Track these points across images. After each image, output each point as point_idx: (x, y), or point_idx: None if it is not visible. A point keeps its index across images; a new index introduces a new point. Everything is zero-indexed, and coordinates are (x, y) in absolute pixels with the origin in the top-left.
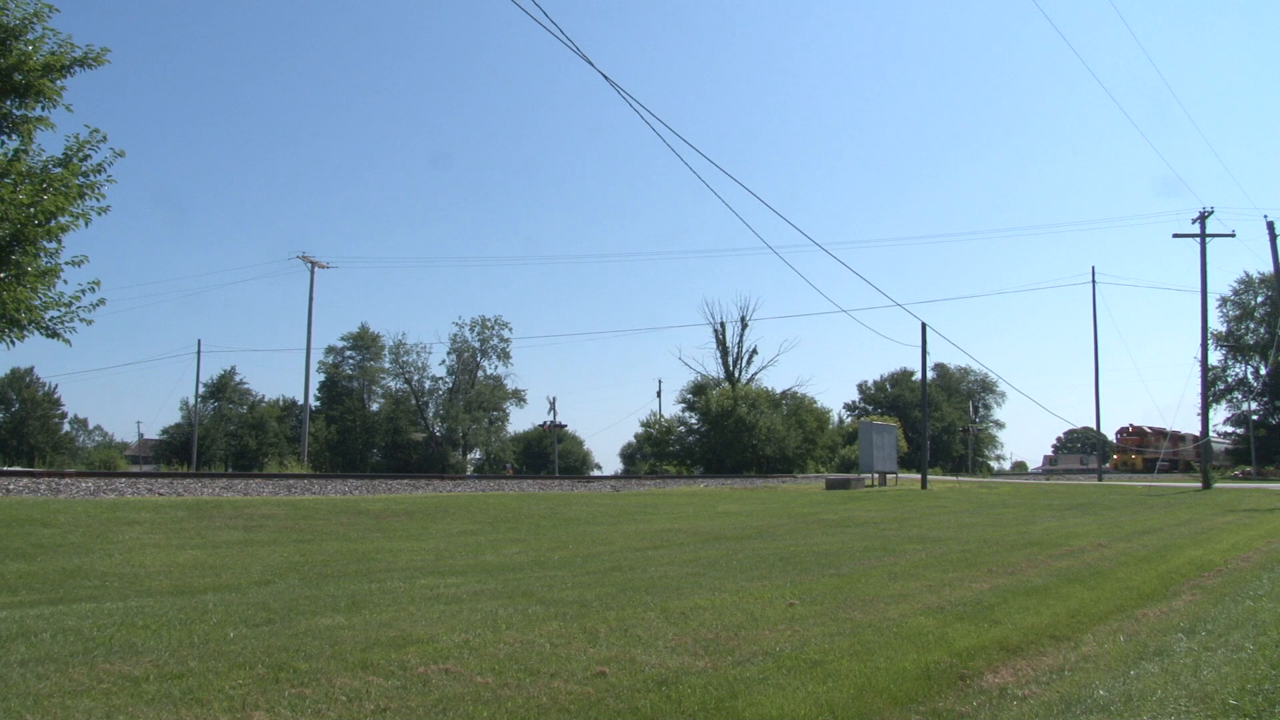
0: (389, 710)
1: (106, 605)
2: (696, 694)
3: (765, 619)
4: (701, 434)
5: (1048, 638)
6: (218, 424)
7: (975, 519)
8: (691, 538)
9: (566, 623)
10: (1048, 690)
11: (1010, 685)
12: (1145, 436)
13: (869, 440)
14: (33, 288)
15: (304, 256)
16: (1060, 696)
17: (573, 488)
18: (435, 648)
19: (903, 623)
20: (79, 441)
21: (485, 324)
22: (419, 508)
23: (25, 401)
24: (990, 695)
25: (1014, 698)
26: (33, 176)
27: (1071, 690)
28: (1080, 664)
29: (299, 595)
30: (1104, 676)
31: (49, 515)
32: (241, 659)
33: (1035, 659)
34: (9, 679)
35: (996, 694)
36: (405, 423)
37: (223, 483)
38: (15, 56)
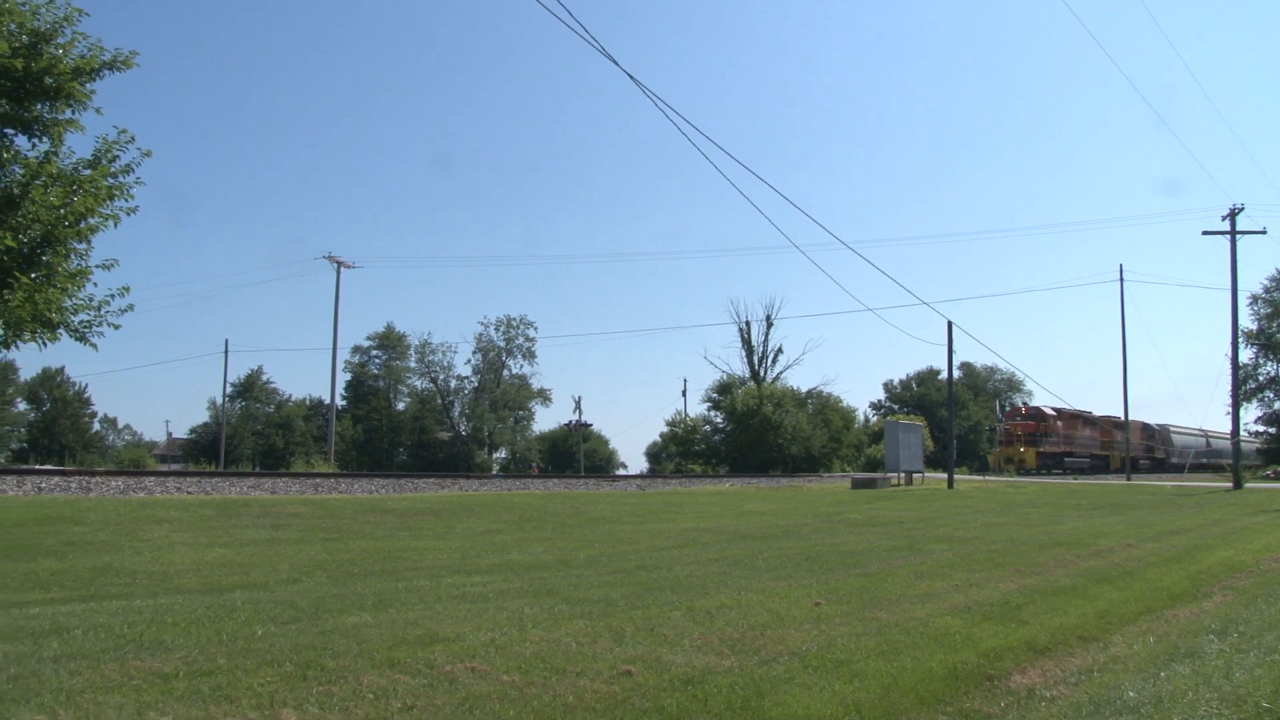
0: (416, 708)
1: (136, 603)
2: (723, 693)
3: (791, 618)
4: (727, 433)
5: (1076, 638)
6: (245, 423)
7: (1002, 519)
8: (717, 537)
9: (592, 622)
10: (1076, 691)
11: (1038, 686)
12: (1046, 421)
13: (895, 439)
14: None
15: (330, 257)
16: (1089, 698)
17: (598, 487)
18: (462, 646)
19: (929, 622)
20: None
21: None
22: (445, 507)
23: (56, 401)
24: (1018, 696)
25: (1042, 699)
26: (63, 178)
27: (1100, 691)
28: (1109, 665)
29: (326, 594)
30: (1133, 678)
31: (80, 513)
32: (269, 657)
33: (1063, 660)
34: (43, 674)
35: (1024, 695)
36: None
37: (250, 482)
38: (46, 60)
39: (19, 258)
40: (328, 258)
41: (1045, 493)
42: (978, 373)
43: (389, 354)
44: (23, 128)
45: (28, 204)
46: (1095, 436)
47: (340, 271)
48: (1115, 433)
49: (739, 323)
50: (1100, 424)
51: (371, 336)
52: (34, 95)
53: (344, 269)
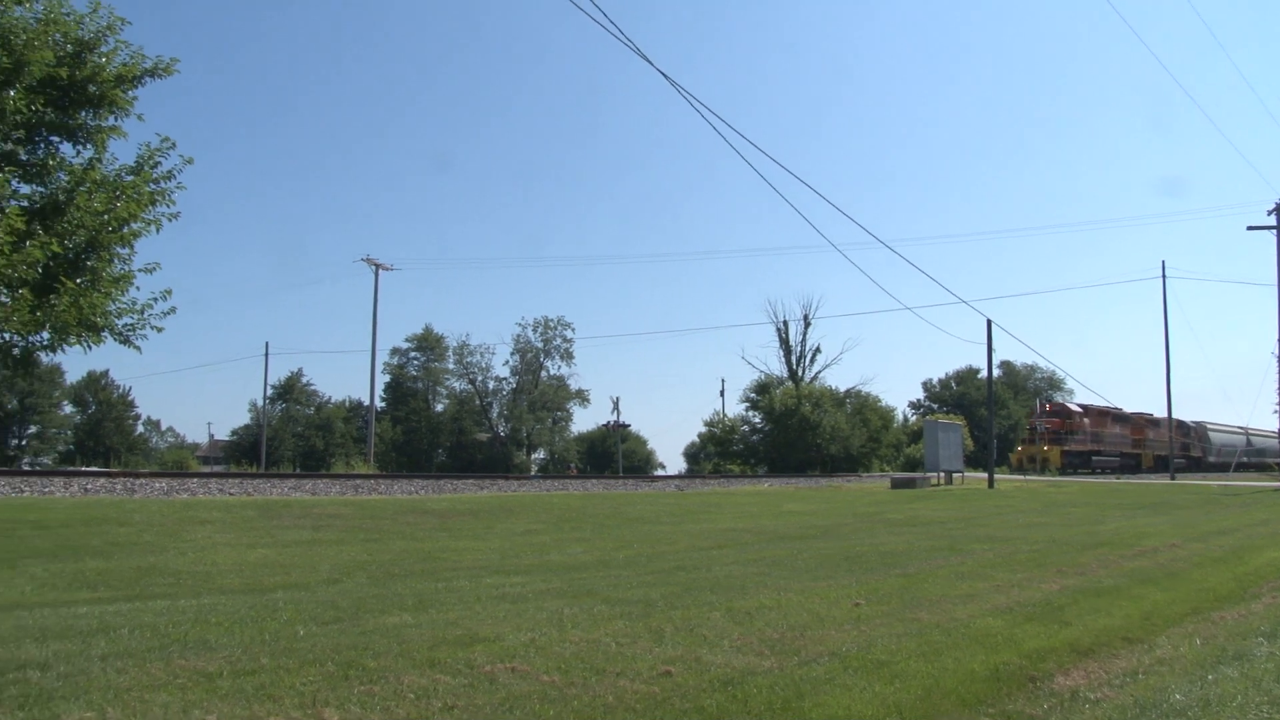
0: (456, 708)
1: (180, 602)
2: (763, 694)
3: (831, 619)
4: (765, 433)
5: (1120, 640)
6: (285, 425)
7: (1043, 518)
8: (756, 537)
9: (632, 622)
10: (1121, 694)
11: (1082, 688)
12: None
13: (934, 439)
14: (107, 293)
15: (368, 259)
16: (1134, 700)
17: (636, 487)
18: (502, 646)
19: (970, 623)
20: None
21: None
22: (484, 507)
23: (101, 403)
24: (1061, 698)
25: (1086, 701)
26: (106, 184)
27: (1146, 694)
28: (1155, 667)
29: (367, 594)
30: (1180, 680)
31: (124, 514)
32: (312, 656)
33: (1107, 661)
34: (91, 673)
35: (1068, 697)
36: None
37: (291, 483)
38: (90, 69)
39: (65, 263)
40: (366, 260)
41: (1087, 492)
42: (1018, 371)
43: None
44: (68, 135)
45: (73, 210)
46: (1126, 434)
47: (378, 274)
48: (1148, 430)
49: (776, 322)
50: (1132, 421)
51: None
52: (78, 103)
53: (382, 271)
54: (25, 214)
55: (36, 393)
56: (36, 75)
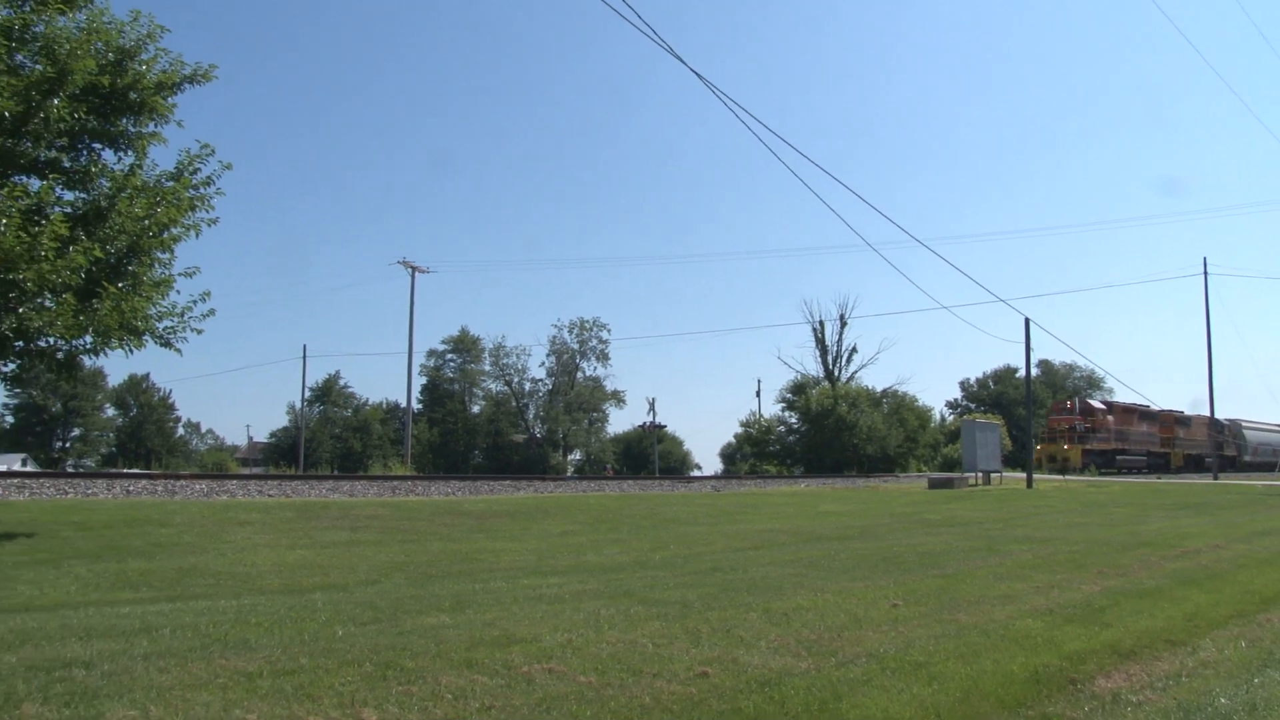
0: (494, 708)
1: (221, 603)
2: (800, 695)
3: (868, 620)
4: (801, 433)
5: (1163, 642)
6: (323, 427)
7: (1083, 519)
8: (792, 538)
9: (668, 623)
10: (1164, 697)
11: (1124, 690)
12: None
13: (972, 439)
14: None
15: (404, 262)
16: (1178, 704)
17: (673, 488)
18: (539, 647)
19: (1009, 625)
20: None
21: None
22: (520, 509)
23: (142, 406)
24: (1103, 701)
25: (1128, 704)
26: (147, 190)
27: (1190, 697)
28: (1198, 670)
29: (404, 595)
30: (1225, 684)
31: (166, 515)
32: (350, 656)
33: (1150, 664)
34: (134, 671)
35: (1109, 699)
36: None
37: (329, 484)
38: (131, 76)
39: (107, 268)
40: (402, 263)
41: (1128, 492)
42: (1056, 370)
43: (464, 357)
44: (109, 142)
45: (114, 216)
46: (1154, 432)
47: (415, 276)
48: (1177, 428)
49: (812, 322)
50: (1160, 418)
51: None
52: (119, 110)
53: (418, 273)
54: (69, 220)
55: (80, 396)
56: (79, 84)
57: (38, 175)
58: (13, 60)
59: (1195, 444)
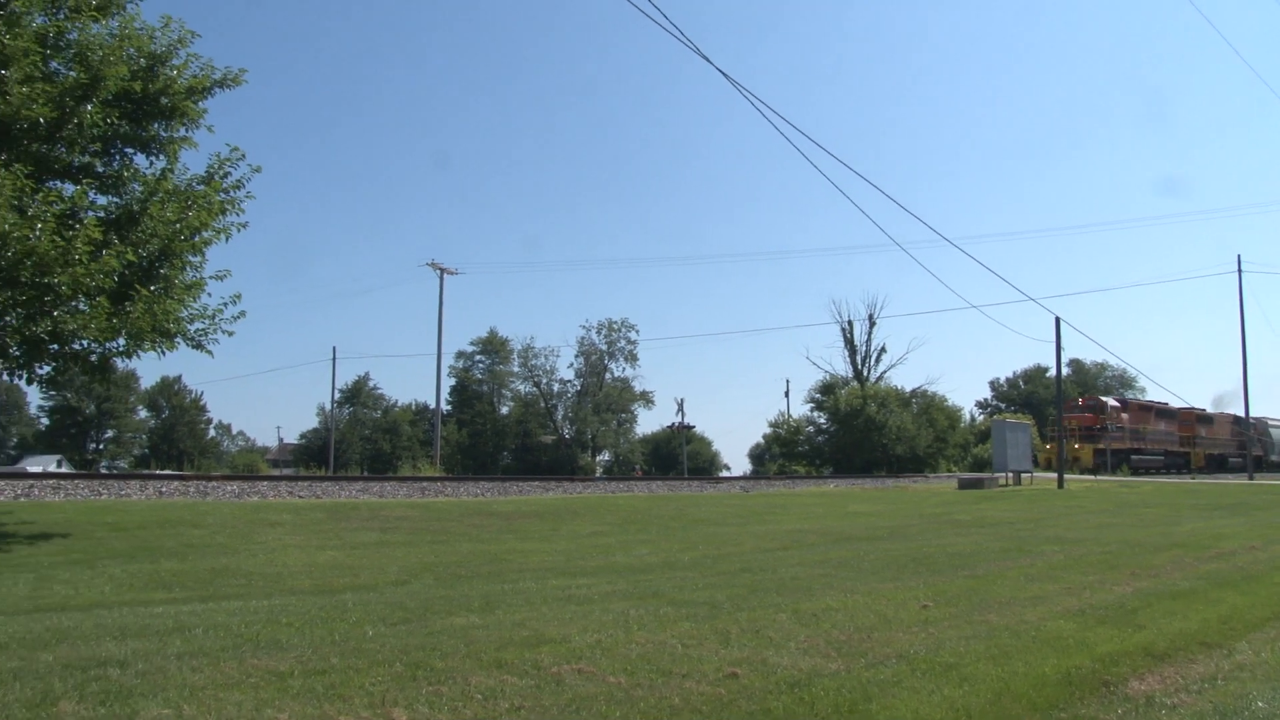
0: (523, 709)
1: (252, 603)
2: (829, 696)
3: (898, 621)
4: (830, 434)
5: (1197, 644)
6: (353, 428)
7: (1115, 519)
8: (821, 538)
9: (697, 624)
10: (1199, 700)
11: (1158, 693)
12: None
13: (1002, 439)
14: (180, 300)
15: (433, 263)
16: (1214, 707)
17: (701, 489)
18: (568, 648)
19: (1041, 626)
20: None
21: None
22: (549, 509)
23: (174, 408)
24: (1136, 703)
25: (1162, 707)
26: (178, 194)
27: (1226, 701)
28: (1234, 673)
29: (434, 595)
30: (1262, 687)
31: (198, 517)
32: (380, 657)
33: (1184, 666)
34: (167, 671)
35: (1143, 702)
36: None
37: (359, 485)
38: (162, 81)
39: (139, 271)
40: (431, 264)
41: (1160, 492)
42: (1087, 369)
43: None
44: (141, 146)
45: (147, 220)
46: (1173, 431)
47: (443, 278)
48: (1199, 427)
49: (841, 322)
50: (1180, 416)
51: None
52: (151, 115)
53: (447, 275)
54: (102, 224)
55: (113, 398)
56: (112, 89)
57: (72, 180)
58: (48, 67)
59: (1218, 443)
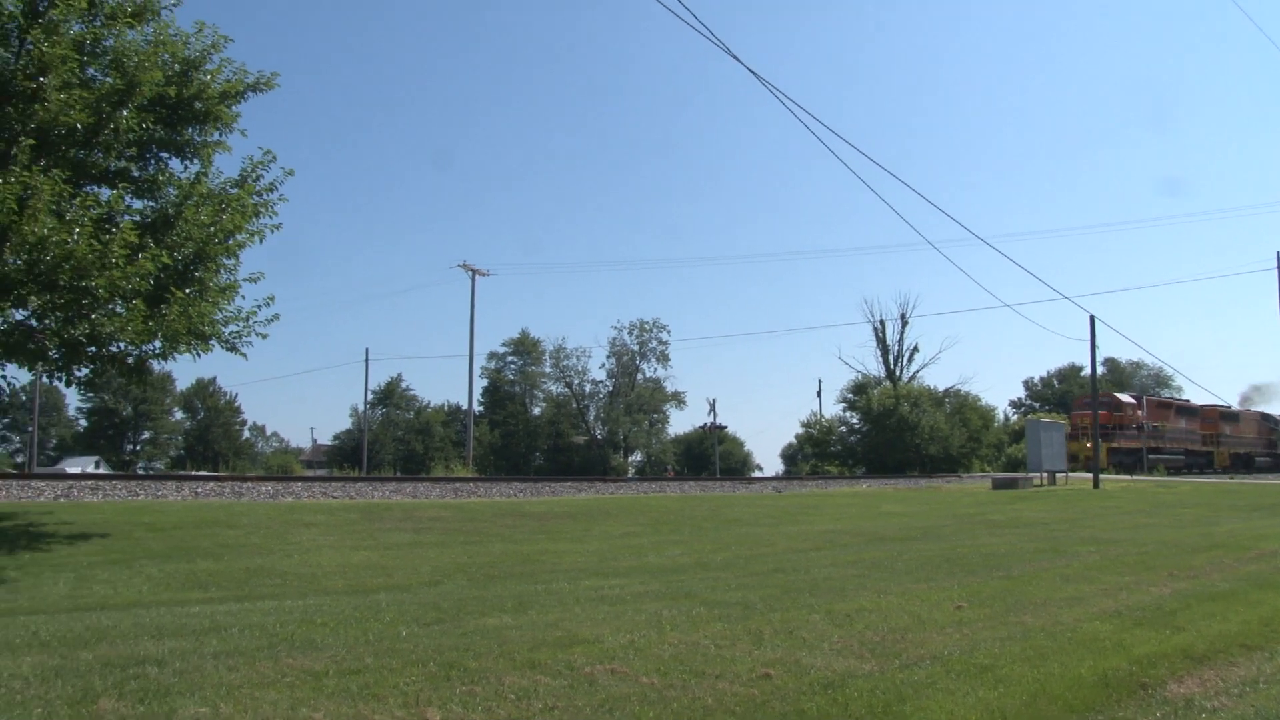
0: (557, 709)
1: (287, 603)
2: (863, 697)
3: (932, 622)
4: (863, 434)
5: (1238, 646)
6: (386, 429)
7: (1152, 519)
8: (854, 539)
9: (730, 624)
10: (1240, 704)
11: (1197, 696)
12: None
13: (1036, 438)
14: (214, 303)
15: (465, 265)
16: (1255, 711)
17: (734, 489)
18: (601, 648)
19: (1077, 627)
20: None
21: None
22: (581, 510)
23: (209, 410)
24: (1175, 706)
25: (1202, 710)
26: (212, 197)
27: (1268, 704)
28: (1276, 676)
29: (467, 595)
30: None
31: (233, 517)
32: (414, 657)
33: (1224, 669)
34: (204, 669)
35: (1182, 705)
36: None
37: (392, 486)
38: (196, 86)
39: (174, 274)
40: (463, 266)
41: (1198, 492)
42: (1122, 368)
43: (524, 359)
44: (175, 151)
45: (181, 223)
46: (1194, 429)
47: (475, 279)
48: (1222, 424)
49: (873, 322)
50: (1202, 414)
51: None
52: (185, 120)
53: (478, 276)
54: (138, 228)
55: (149, 400)
56: (147, 95)
57: (108, 185)
58: (85, 74)
59: (1244, 441)
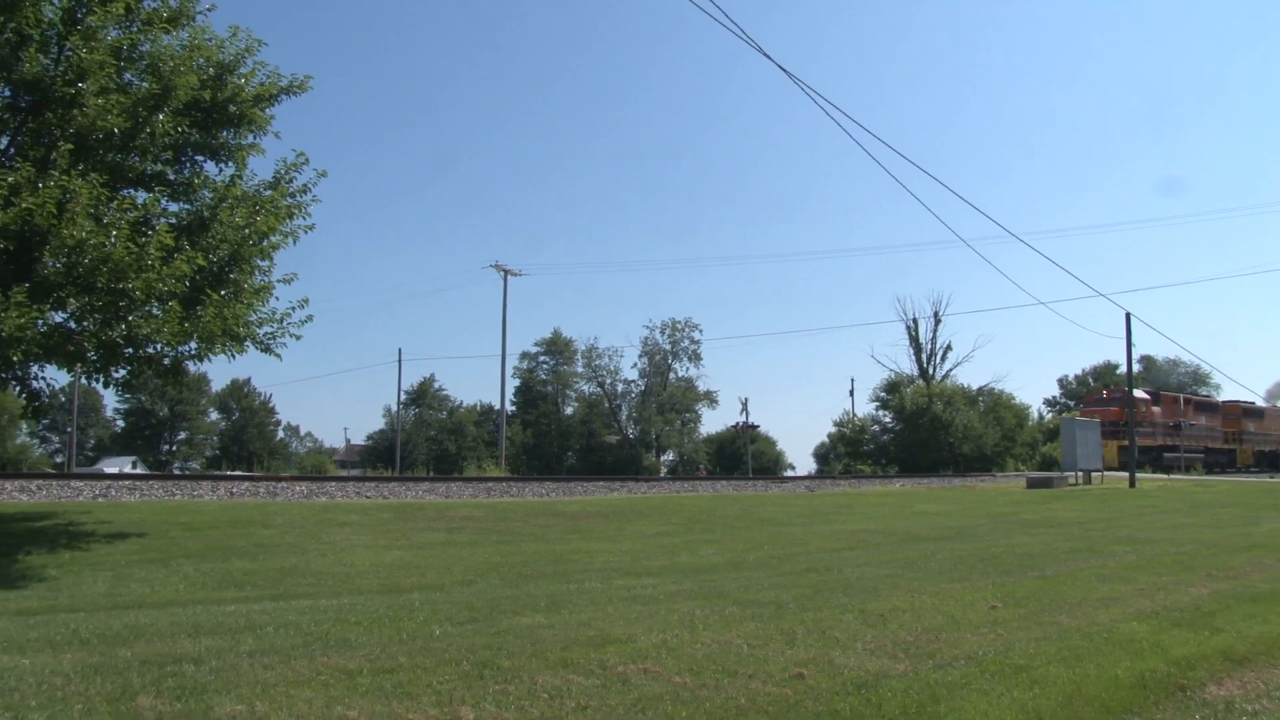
0: (589, 708)
1: (321, 602)
2: (896, 698)
3: (966, 622)
4: (896, 433)
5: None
6: (419, 429)
7: (1189, 519)
8: (887, 538)
9: (763, 624)
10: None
11: (1237, 699)
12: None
13: (1071, 437)
14: (249, 304)
15: (497, 265)
16: None
17: (766, 488)
18: (633, 647)
19: (1113, 628)
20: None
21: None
22: (614, 509)
23: (244, 410)
24: (1214, 709)
25: (1242, 713)
26: (247, 200)
27: None
28: None
29: (500, 595)
30: None
31: (268, 517)
32: (447, 656)
33: (1265, 671)
34: (239, 668)
35: (1222, 708)
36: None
37: (425, 486)
38: (230, 90)
39: (210, 276)
40: (495, 266)
41: (1237, 492)
42: (1159, 366)
43: (556, 359)
44: (210, 154)
45: (216, 225)
46: (1215, 426)
47: (507, 279)
48: (1246, 421)
49: (906, 320)
50: (1224, 410)
51: (539, 342)
52: (220, 123)
53: (510, 276)
54: (174, 230)
55: (185, 401)
56: (182, 99)
57: (144, 188)
58: (122, 79)
59: (1269, 439)
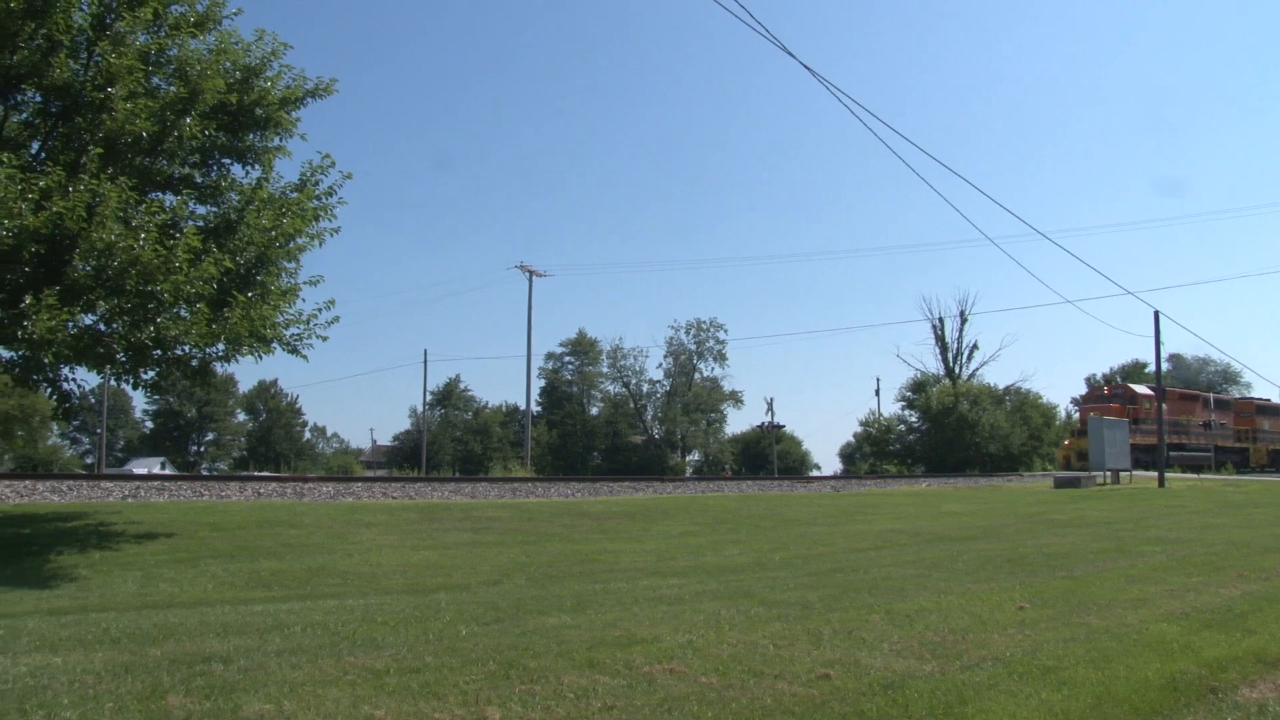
0: (615, 708)
1: (348, 602)
2: (924, 699)
3: (993, 622)
4: (922, 432)
5: None
6: (444, 430)
7: (1220, 519)
8: (914, 538)
9: (789, 624)
10: None
11: (1271, 701)
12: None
13: (1099, 436)
14: (275, 306)
15: (522, 266)
16: None
17: (792, 488)
18: (659, 648)
19: (1143, 629)
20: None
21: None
22: (639, 509)
23: (271, 411)
24: (1247, 711)
25: (1275, 715)
26: (273, 202)
27: None
28: None
29: (526, 595)
30: None
31: (295, 517)
32: (474, 655)
33: None
34: (267, 667)
35: (1255, 710)
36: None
37: (451, 486)
38: (256, 93)
39: (237, 278)
40: (520, 267)
41: (1269, 491)
42: (1188, 364)
43: (581, 360)
44: (237, 157)
45: (243, 228)
46: (1226, 423)
47: (532, 280)
48: (1259, 419)
49: (932, 319)
50: (1235, 407)
51: (564, 343)
52: (246, 126)
53: (536, 277)
54: (201, 233)
55: (213, 402)
56: (209, 102)
57: (172, 191)
58: (150, 83)
59: None
